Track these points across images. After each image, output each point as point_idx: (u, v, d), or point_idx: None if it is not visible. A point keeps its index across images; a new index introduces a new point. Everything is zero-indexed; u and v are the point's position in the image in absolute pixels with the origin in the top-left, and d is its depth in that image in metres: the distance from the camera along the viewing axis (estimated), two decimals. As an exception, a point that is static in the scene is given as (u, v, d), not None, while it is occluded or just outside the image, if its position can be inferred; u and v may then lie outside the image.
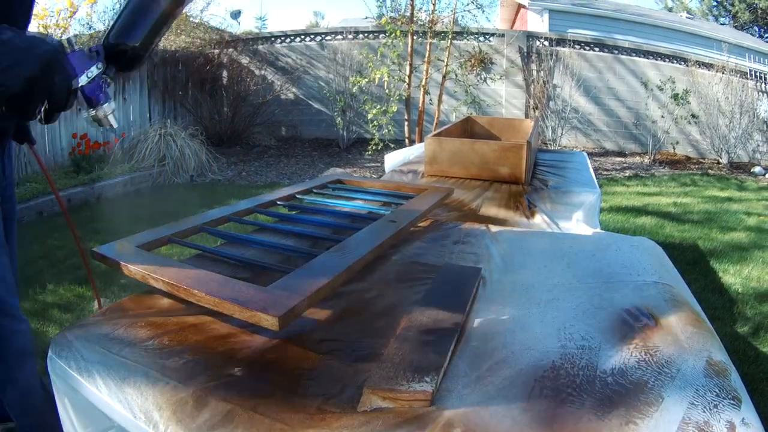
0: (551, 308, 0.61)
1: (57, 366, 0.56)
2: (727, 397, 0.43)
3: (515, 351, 0.53)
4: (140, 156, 3.92)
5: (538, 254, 0.78)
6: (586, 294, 0.63)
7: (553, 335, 0.54)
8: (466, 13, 4.48)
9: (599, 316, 0.57)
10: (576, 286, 0.65)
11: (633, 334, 0.53)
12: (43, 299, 1.86)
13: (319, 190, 1.16)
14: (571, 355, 0.51)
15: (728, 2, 10.89)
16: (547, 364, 0.50)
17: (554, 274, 0.70)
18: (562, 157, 1.83)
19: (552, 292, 0.65)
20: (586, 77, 5.06)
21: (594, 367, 0.48)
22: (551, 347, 0.52)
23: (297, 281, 0.61)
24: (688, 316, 0.56)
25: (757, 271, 2.24)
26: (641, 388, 0.45)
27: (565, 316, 0.59)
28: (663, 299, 0.59)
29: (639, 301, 0.59)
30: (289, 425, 0.44)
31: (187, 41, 5.43)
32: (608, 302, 0.60)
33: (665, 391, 0.44)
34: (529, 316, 0.60)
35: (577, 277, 0.68)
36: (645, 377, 0.46)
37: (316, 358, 0.55)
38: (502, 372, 0.50)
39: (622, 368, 0.48)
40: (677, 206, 3.40)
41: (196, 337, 0.59)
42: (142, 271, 0.65)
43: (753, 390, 1.35)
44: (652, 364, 0.48)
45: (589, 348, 0.51)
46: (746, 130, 4.67)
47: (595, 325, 0.56)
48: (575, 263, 0.73)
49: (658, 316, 0.56)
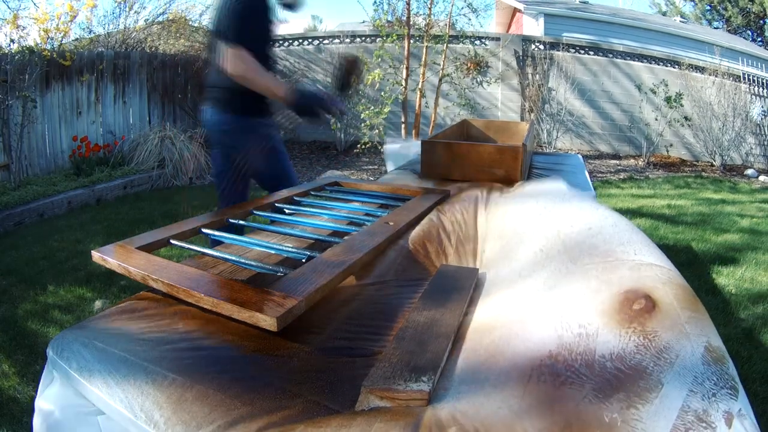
0: (548, 297, 0.59)
1: (58, 366, 0.57)
2: (725, 386, 0.42)
3: (511, 344, 0.52)
4: (140, 159, 3.92)
5: (533, 235, 0.75)
6: (584, 278, 0.60)
7: (549, 325, 0.53)
8: (461, 17, 4.52)
9: (597, 300, 0.55)
10: (572, 270, 0.63)
11: (632, 315, 0.51)
12: (44, 300, 1.86)
13: (316, 192, 1.17)
14: (568, 343, 0.49)
15: (721, 6, 11.01)
16: (544, 353, 0.48)
17: (550, 259, 0.67)
18: (557, 160, 1.85)
19: (548, 279, 0.62)
20: (581, 80, 5.11)
21: (592, 353, 0.47)
22: (548, 337, 0.51)
23: (294, 282, 0.62)
24: (686, 299, 0.54)
25: (751, 272, 2.26)
26: (641, 374, 0.44)
27: (561, 303, 0.56)
28: (661, 281, 0.56)
29: (638, 281, 0.57)
30: (288, 424, 0.44)
31: (187, 45, 5.43)
32: (606, 285, 0.57)
33: (665, 377, 0.43)
34: (525, 306, 0.59)
35: (573, 257, 0.65)
36: (644, 362, 0.45)
37: (314, 358, 0.56)
38: (498, 365, 0.49)
39: (621, 353, 0.46)
40: (671, 208, 3.43)
41: (196, 338, 0.59)
42: (142, 272, 0.66)
43: (747, 390, 1.34)
44: (650, 349, 0.47)
45: (586, 335, 0.50)
46: (739, 132, 4.71)
47: (593, 310, 0.53)
48: (570, 237, 0.69)
49: (657, 299, 0.53)
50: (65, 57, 3.63)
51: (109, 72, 4.20)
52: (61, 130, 3.79)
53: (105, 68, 4.14)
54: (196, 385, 0.50)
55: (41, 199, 3.03)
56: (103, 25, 4.85)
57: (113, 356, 0.55)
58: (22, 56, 3.20)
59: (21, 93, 3.15)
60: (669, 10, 12.12)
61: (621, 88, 5.19)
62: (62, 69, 3.68)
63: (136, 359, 0.54)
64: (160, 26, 5.37)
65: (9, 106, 3.12)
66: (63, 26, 3.64)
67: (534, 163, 1.76)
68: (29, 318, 1.73)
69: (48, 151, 3.70)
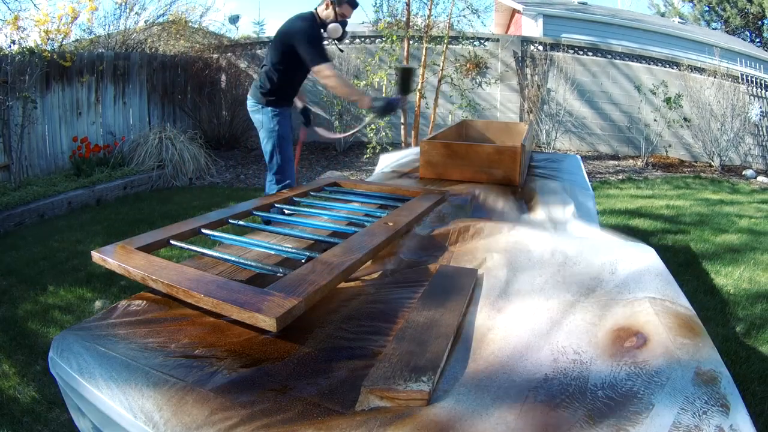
0: (545, 322, 0.60)
1: (58, 366, 0.57)
2: (716, 404, 0.44)
3: (511, 358, 0.53)
4: (140, 159, 3.93)
5: (533, 263, 0.77)
6: (581, 312, 0.62)
7: (546, 348, 0.54)
8: (461, 18, 4.52)
9: (591, 332, 0.57)
10: (570, 303, 0.65)
11: (624, 351, 0.54)
12: (44, 300, 1.87)
13: (315, 192, 1.17)
14: (563, 368, 0.51)
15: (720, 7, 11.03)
16: (540, 375, 0.50)
17: (549, 288, 0.69)
18: (556, 160, 1.86)
19: (546, 307, 0.64)
20: (580, 81, 5.11)
21: (585, 380, 0.48)
22: (544, 360, 0.52)
23: (294, 283, 0.62)
24: (680, 327, 0.56)
25: (749, 272, 2.26)
26: (631, 399, 0.45)
27: (558, 331, 0.58)
28: (655, 313, 0.59)
29: (631, 318, 0.59)
30: (288, 424, 0.45)
31: (186, 46, 5.44)
32: (601, 320, 0.60)
33: (655, 398, 0.45)
34: (524, 327, 0.60)
35: (572, 292, 0.67)
36: (635, 388, 0.47)
37: (314, 358, 0.56)
38: (497, 378, 0.50)
39: (613, 382, 0.48)
40: (670, 209, 3.43)
41: (195, 338, 0.59)
42: (141, 272, 0.66)
43: (745, 390, 1.36)
44: (642, 376, 0.48)
45: (580, 362, 0.52)
46: (738, 133, 4.72)
47: (588, 341, 0.55)
48: (570, 277, 0.72)
49: (649, 332, 0.56)
50: (65, 58, 3.63)
51: (109, 73, 4.20)
52: (61, 131, 3.79)
53: (105, 69, 4.14)
54: (196, 387, 0.50)
55: (41, 199, 3.04)
56: (103, 26, 4.86)
57: (113, 358, 0.55)
58: (23, 57, 3.21)
59: (21, 94, 3.15)
60: (667, 11, 12.14)
61: (620, 89, 5.20)
62: (62, 70, 3.69)
63: (136, 360, 0.54)
64: (160, 27, 5.38)
65: (9, 106, 3.13)
66: (63, 27, 3.65)
67: (533, 163, 1.76)
68: (29, 318, 1.73)
69: (48, 151, 3.71)
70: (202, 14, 5.94)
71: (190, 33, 5.63)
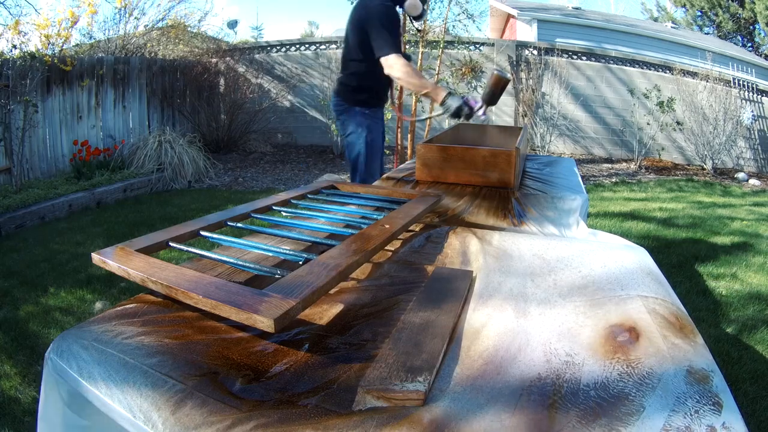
0: (538, 323, 0.61)
1: (58, 367, 0.57)
2: (708, 403, 0.44)
3: (504, 358, 0.54)
4: (139, 162, 3.93)
5: (525, 266, 0.78)
6: (572, 312, 0.63)
7: (539, 349, 0.55)
8: (457, 23, 4.57)
9: (583, 333, 0.58)
10: (561, 304, 0.65)
11: (616, 345, 0.54)
12: (45, 302, 1.87)
13: (313, 195, 1.18)
14: (556, 369, 0.52)
15: (712, 12, 11.17)
16: (533, 375, 0.51)
17: (540, 290, 0.70)
18: (550, 163, 1.88)
19: (539, 308, 0.65)
20: (574, 85, 5.16)
21: (578, 381, 0.49)
22: (537, 361, 0.53)
23: (292, 284, 0.63)
24: (672, 326, 0.57)
25: (741, 274, 2.29)
26: (623, 401, 0.46)
27: (550, 332, 0.59)
28: (647, 311, 0.59)
29: (623, 315, 0.60)
30: (285, 423, 0.45)
31: (185, 50, 5.46)
32: (592, 320, 0.61)
33: (646, 400, 0.45)
34: (517, 328, 0.61)
35: (563, 294, 0.68)
36: (626, 389, 0.47)
37: (311, 359, 0.57)
38: (492, 377, 0.51)
39: (605, 382, 0.49)
40: (663, 211, 3.46)
41: (195, 339, 0.60)
42: (141, 274, 0.67)
43: (737, 390, 1.38)
44: (633, 377, 0.49)
45: (573, 363, 0.52)
46: (730, 137, 4.78)
47: (580, 342, 0.56)
48: (561, 279, 0.73)
49: (641, 330, 0.56)
50: (66, 62, 3.64)
51: (109, 77, 4.21)
52: (61, 134, 3.80)
53: (105, 73, 4.15)
54: (195, 387, 0.50)
55: (42, 202, 3.04)
56: (103, 30, 4.87)
57: (113, 358, 0.55)
58: (24, 61, 3.22)
59: (22, 98, 3.16)
60: (660, 15, 12.28)
61: (614, 93, 5.26)
62: (63, 74, 3.69)
63: (136, 362, 0.55)
64: (159, 32, 5.39)
65: (11, 110, 3.13)
66: (64, 32, 3.66)
67: (527, 166, 1.78)
68: (30, 319, 1.73)
69: (49, 154, 3.71)
70: (201, 19, 5.96)
71: (189, 38, 5.65)
